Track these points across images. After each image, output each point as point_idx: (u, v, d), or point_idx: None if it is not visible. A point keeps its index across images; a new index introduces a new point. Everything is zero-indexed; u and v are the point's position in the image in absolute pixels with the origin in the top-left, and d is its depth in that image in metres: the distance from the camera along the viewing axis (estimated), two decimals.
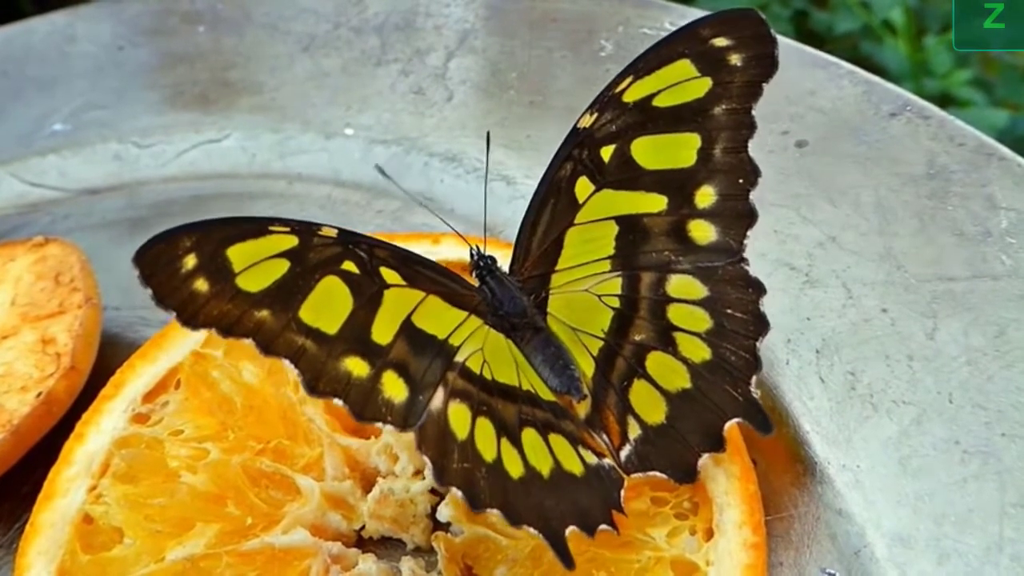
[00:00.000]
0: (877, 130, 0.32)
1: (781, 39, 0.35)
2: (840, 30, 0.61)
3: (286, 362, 0.22)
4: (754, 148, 0.24)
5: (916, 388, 0.26)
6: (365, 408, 0.23)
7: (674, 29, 0.24)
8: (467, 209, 0.33)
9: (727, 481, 0.24)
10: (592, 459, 0.24)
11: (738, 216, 0.24)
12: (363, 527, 0.26)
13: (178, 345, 0.29)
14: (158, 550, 0.25)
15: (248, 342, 0.22)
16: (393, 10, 0.40)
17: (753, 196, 0.24)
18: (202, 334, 0.29)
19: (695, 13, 0.36)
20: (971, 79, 0.57)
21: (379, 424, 0.23)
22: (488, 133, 0.27)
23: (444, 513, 0.25)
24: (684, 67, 0.24)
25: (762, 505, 0.24)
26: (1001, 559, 0.23)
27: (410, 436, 0.23)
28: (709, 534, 0.24)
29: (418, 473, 0.26)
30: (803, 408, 0.27)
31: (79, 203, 0.37)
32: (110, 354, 0.30)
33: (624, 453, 0.24)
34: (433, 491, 0.26)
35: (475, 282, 0.25)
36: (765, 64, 0.24)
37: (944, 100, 0.55)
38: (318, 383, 0.23)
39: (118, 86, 0.41)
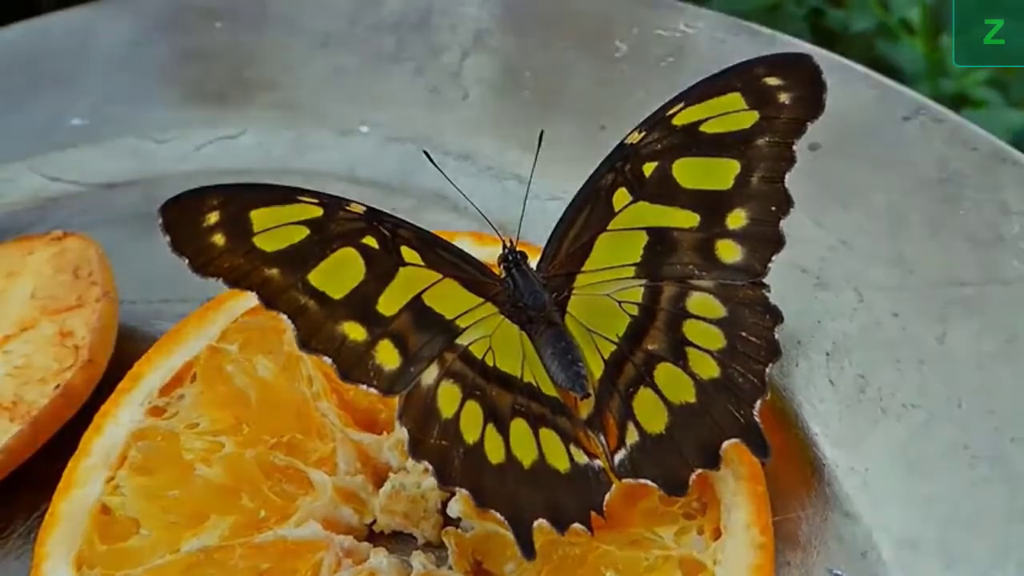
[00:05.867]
0: (890, 134, 0.32)
1: (795, 41, 0.36)
2: (856, 28, 0.60)
3: (283, 316, 0.23)
4: None
5: (926, 392, 0.26)
6: (353, 370, 0.24)
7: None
8: (481, 208, 0.33)
9: (735, 482, 0.25)
10: (582, 458, 0.24)
11: (766, 240, 0.25)
12: (374, 521, 0.26)
13: (194, 339, 0.29)
14: (173, 541, 0.25)
15: (252, 294, 0.23)
16: (409, 9, 0.40)
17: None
18: (217, 328, 0.29)
19: (709, 14, 0.37)
20: (988, 79, 0.56)
21: (363, 387, 0.24)
22: (541, 133, 0.28)
23: (455, 509, 0.25)
24: (734, 99, 0.25)
25: (770, 506, 0.25)
26: (1008, 564, 0.23)
27: None
28: (717, 534, 0.24)
29: None
30: (812, 410, 0.27)
31: (97, 197, 0.38)
32: (127, 347, 0.31)
33: (618, 457, 0.24)
34: (443, 487, 0.26)
35: (500, 273, 0.26)
36: (812, 105, 0.25)
37: (960, 100, 0.54)
38: (311, 340, 0.23)
39: (136, 82, 0.41)
